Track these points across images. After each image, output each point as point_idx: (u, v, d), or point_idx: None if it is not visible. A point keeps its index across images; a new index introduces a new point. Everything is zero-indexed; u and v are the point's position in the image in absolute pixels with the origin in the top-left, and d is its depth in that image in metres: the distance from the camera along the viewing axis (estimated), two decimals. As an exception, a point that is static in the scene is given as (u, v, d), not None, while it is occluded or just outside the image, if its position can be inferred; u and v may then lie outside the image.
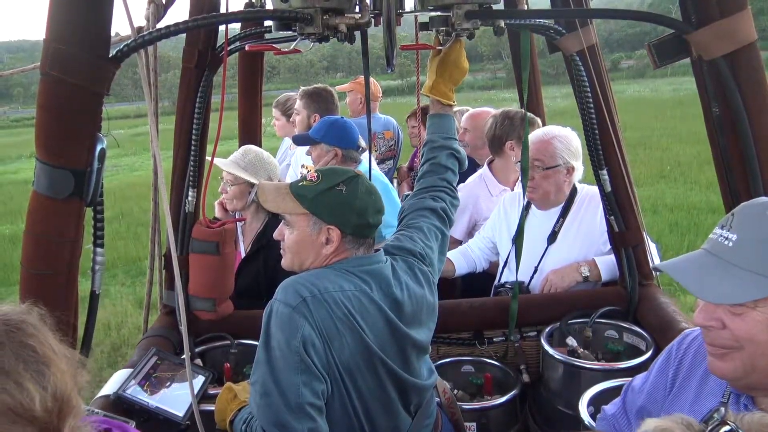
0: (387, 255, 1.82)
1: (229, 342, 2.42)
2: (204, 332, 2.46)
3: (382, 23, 1.82)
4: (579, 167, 2.67)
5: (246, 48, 2.29)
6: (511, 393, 2.32)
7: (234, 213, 2.91)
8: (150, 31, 1.69)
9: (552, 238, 2.68)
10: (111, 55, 1.56)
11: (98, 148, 1.56)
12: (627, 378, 1.71)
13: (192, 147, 2.34)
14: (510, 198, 2.91)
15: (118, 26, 1.73)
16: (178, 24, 1.67)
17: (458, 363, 2.52)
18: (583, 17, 2.20)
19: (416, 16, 2.12)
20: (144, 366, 2.13)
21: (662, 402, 1.42)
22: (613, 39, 57.03)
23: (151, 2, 2.03)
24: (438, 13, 1.90)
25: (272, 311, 1.57)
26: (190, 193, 2.39)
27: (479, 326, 2.59)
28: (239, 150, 2.90)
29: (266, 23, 2.22)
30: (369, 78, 2.27)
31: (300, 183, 1.75)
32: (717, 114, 1.73)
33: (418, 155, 2.34)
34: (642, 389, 1.49)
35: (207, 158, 2.39)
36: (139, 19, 1.91)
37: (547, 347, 2.34)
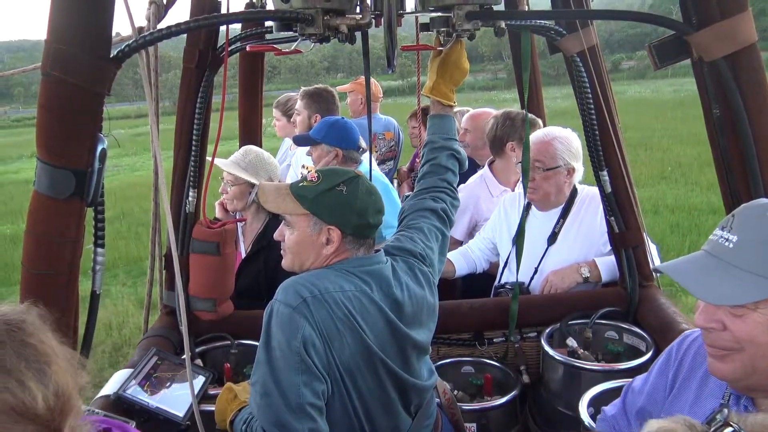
0: (387, 255, 1.82)
1: (230, 342, 2.42)
2: (204, 332, 2.46)
3: (383, 24, 1.82)
4: (579, 168, 2.67)
5: (247, 48, 2.29)
6: (511, 394, 2.33)
7: (234, 213, 2.91)
8: (151, 32, 1.69)
9: (552, 239, 2.68)
10: (112, 56, 1.56)
11: (99, 149, 1.56)
12: (627, 379, 1.71)
13: (192, 147, 2.34)
14: (510, 199, 2.91)
15: (119, 26, 1.73)
16: (180, 24, 1.67)
17: (458, 364, 2.52)
18: (584, 18, 2.20)
19: (417, 17, 2.12)
20: (144, 366, 2.14)
21: (662, 403, 1.42)
22: (614, 40, 57.03)
23: (152, 2, 2.03)
24: (439, 14, 1.90)
25: (273, 311, 1.57)
26: (191, 194, 2.39)
27: (479, 327, 2.59)
28: (240, 150, 2.90)
29: (267, 24, 2.22)
30: (370, 78, 2.27)
31: (300, 183, 1.75)
32: (717, 115, 1.73)
33: (419, 156, 2.34)
34: (642, 390, 1.49)
35: (207, 158, 2.39)
36: (140, 20, 1.91)
37: (547, 348, 2.34)
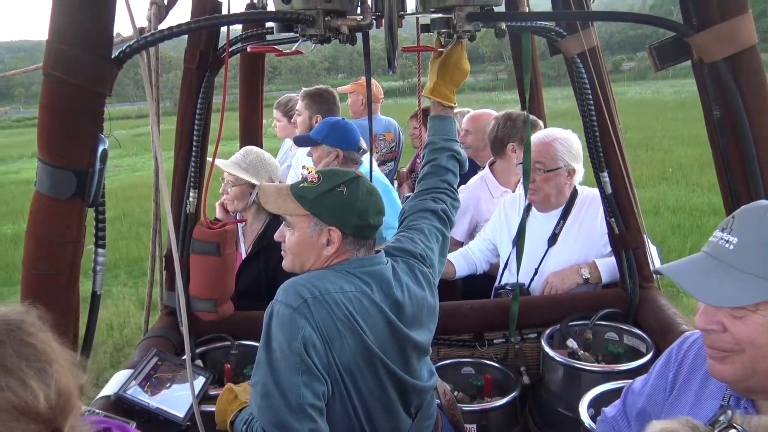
0: (388, 256, 1.82)
1: (230, 343, 2.42)
2: (204, 333, 2.46)
3: (384, 25, 1.82)
4: (580, 170, 2.67)
5: (248, 49, 2.29)
6: (512, 395, 2.33)
7: (235, 214, 2.91)
8: (152, 32, 1.69)
9: (552, 240, 2.68)
10: (113, 56, 1.56)
11: (100, 149, 1.56)
12: (627, 380, 1.71)
13: (193, 148, 2.34)
14: (510, 200, 2.91)
15: (119, 27, 1.73)
16: (181, 25, 1.67)
17: (458, 364, 2.52)
18: (584, 19, 2.20)
19: (418, 18, 2.12)
20: (145, 367, 2.14)
21: (662, 404, 1.42)
22: (615, 41, 57.03)
23: (153, 3, 2.04)
24: (439, 15, 1.90)
25: (273, 312, 1.57)
26: (191, 194, 2.39)
27: (479, 328, 2.59)
28: (240, 151, 2.90)
29: (268, 24, 2.22)
30: (370, 79, 2.27)
31: (301, 184, 1.75)
32: (718, 116, 1.73)
33: (420, 157, 2.35)
34: (642, 392, 1.49)
35: (208, 159, 2.39)
36: (141, 20, 1.91)
37: (548, 349, 2.34)
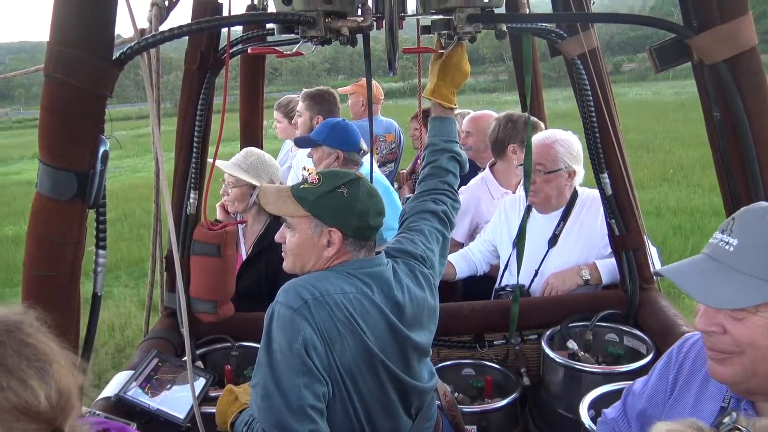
0: (388, 257, 1.82)
1: (230, 344, 2.43)
2: (205, 334, 2.47)
3: (385, 26, 1.82)
4: (580, 171, 2.68)
5: (249, 51, 2.29)
6: (512, 396, 2.33)
7: (235, 215, 2.91)
8: (153, 34, 1.69)
9: (553, 242, 2.68)
10: (114, 58, 1.57)
11: (101, 150, 1.56)
12: (627, 381, 1.71)
13: (194, 149, 2.34)
14: (510, 201, 2.91)
15: (120, 28, 1.73)
16: (182, 27, 1.67)
17: (459, 366, 2.52)
18: (585, 21, 2.20)
19: (418, 20, 2.12)
20: (145, 368, 2.14)
21: (663, 406, 1.42)
22: (615, 42, 57.03)
23: (154, 4, 2.04)
24: (440, 17, 1.90)
25: (274, 313, 1.57)
26: (192, 195, 2.40)
27: (480, 329, 2.59)
28: (241, 152, 2.91)
29: (269, 25, 2.22)
30: (371, 81, 2.27)
31: (301, 185, 1.75)
32: (718, 118, 1.73)
33: (420, 159, 2.35)
34: (642, 393, 1.49)
35: (209, 160, 2.39)
36: (141, 22, 1.91)
37: (548, 350, 2.34)
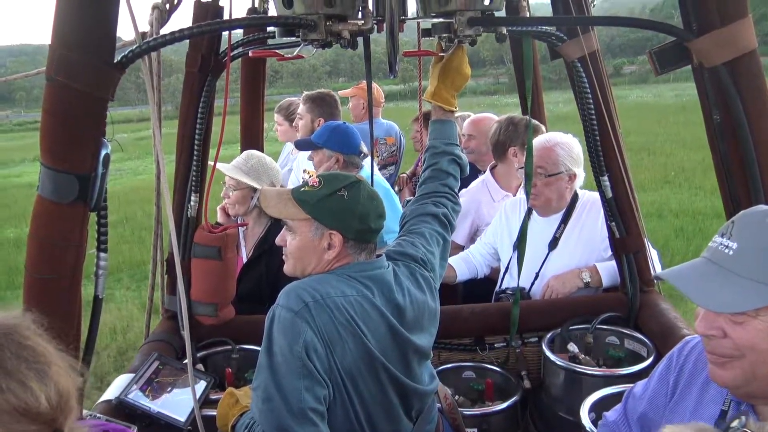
0: (389, 260, 1.83)
1: (231, 347, 2.43)
2: (206, 337, 2.47)
3: (385, 29, 1.83)
4: (581, 174, 2.68)
5: (249, 54, 2.30)
6: (513, 399, 2.32)
7: (236, 218, 2.91)
8: (155, 37, 1.70)
9: (553, 244, 2.68)
10: (116, 61, 1.57)
11: (102, 153, 1.56)
12: (628, 384, 1.71)
13: (195, 151, 2.34)
14: (511, 204, 2.91)
15: (121, 31, 1.74)
16: (183, 30, 1.68)
17: (459, 369, 2.52)
18: (585, 24, 2.20)
19: (419, 23, 2.12)
20: (146, 371, 2.14)
21: (663, 409, 1.41)
22: (616, 44, 57.07)
23: (155, 8, 2.04)
24: (440, 20, 1.91)
25: (274, 316, 1.57)
26: (193, 198, 2.40)
27: (480, 332, 2.59)
28: (242, 155, 2.91)
29: (269, 28, 2.22)
30: (371, 83, 2.28)
31: (302, 188, 1.75)
32: (718, 121, 1.74)
33: (421, 162, 2.35)
34: (643, 396, 1.49)
35: (210, 163, 2.40)
36: (143, 25, 1.92)
37: (549, 353, 2.34)
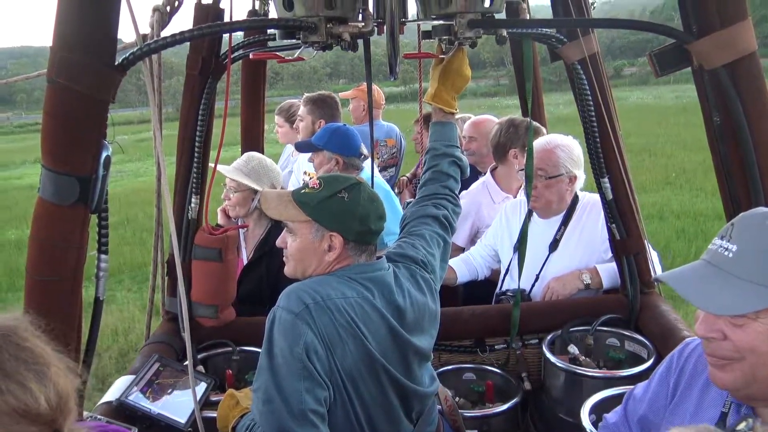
0: (389, 262, 1.83)
1: (231, 349, 2.43)
2: (206, 339, 2.46)
3: (386, 32, 1.83)
4: (581, 176, 2.68)
5: (250, 56, 2.30)
6: (513, 401, 2.32)
7: (237, 220, 2.92)
8: (156, 40, 1.70)
9: (553, 246, 2.68)
10: (117, 63, 1.57)
11: (103, 156, 1.57)
12: (629, 386, 1.71)
13: (195, 153, 2.34)
14: (511, 206, 2.91)
15: (122, 33, 1.74)
16: (184, 32, 1.68)
17: (460, 370, 2.52)
18: (585, 26, 2.21)
19: (419, 25, 2.13)
20: (146, 372, 2.14)
21: (663, 411, 1.41)
22: (616, 46, 57.10)
23: (156, 10, 2.04)
24: (441, 22, 1.91)
25: (275, 318, 1.57)
26: (193, 200, 2.40)
27: (481, 334, 2.59)
28: (242, 157, 2.91)
29: (270, 30, 2.23)
30: (371, 85, 2.28)
31: (302, 190, 1.75)
32: (718, 123, 1.74)
33: (421, 164, 2.35)
34: (643, 398, 1.49)
35: (210, 165, 2.40)
36: (143, 27, 1.92)
37: (549, 355, 2.34)
